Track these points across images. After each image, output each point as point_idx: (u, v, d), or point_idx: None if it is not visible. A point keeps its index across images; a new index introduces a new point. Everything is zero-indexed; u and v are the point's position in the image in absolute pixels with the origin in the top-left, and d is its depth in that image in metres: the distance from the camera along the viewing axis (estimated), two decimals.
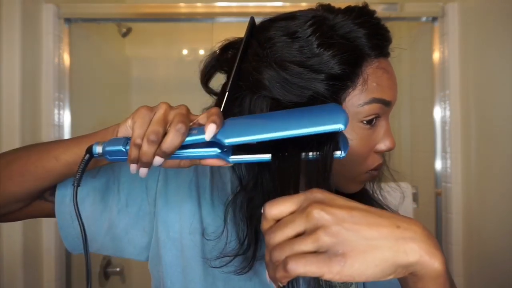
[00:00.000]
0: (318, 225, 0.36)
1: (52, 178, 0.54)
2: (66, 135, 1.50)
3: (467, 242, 1.50)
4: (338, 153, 0.47)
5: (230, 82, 0.55)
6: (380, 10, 1.46)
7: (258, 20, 0.59)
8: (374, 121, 0.55)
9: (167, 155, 0.44)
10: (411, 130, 1.87)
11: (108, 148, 0.47)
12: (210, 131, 0.44)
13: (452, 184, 1.54)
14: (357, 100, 0.53)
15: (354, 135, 0.54)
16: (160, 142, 0.44)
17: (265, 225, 0.39)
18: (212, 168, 0.63)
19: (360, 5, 0.56)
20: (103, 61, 1.93)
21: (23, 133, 1.32)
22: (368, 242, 0.35)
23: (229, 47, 0.61)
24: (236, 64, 0.55)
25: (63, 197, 0.59)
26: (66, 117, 1.51)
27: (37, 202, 0.59)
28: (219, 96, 0.61)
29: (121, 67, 2.16)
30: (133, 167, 0.46)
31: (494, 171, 1.34)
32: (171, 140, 0.44)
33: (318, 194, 0.38)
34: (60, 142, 0.54)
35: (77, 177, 0.47)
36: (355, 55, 0.53)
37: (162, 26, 2.08)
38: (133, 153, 0.45)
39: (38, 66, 1.43)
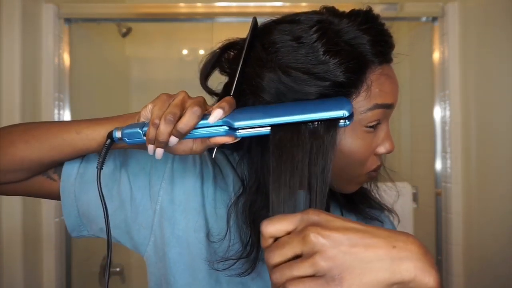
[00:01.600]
0: (314, 249, 0.37)
1: (68, 150, 0.56)
2: None
3: (467, 242, 1.50)
4: (342, 122, 0.49)
5: (234, 86, 0.54)
6: (380, 10, 1.46)
7: (260, 20, 0.59)
8: (376, 126, 0.56)
9: (182, 135, 0.48)
10: (411, 130, 1.87)
11: (126, 131, 0.51)
12: (215, 115, 0.48)
13: (452, 184, 1.54)
14: (360, 106, 0.53)
15: (357, 140, 0.54)
16: (176, 123, 0.47)
17: (263, 242, 0.40)
18: (215, 169, 0.63)
19: (365, 9, 0.56)
20: (103, 61, 1.93)
21: None
22: (365, 264, 0.37)
23: (230, 47, 0.60)
24: (239, 67, 0.55)
25: (68, 175, 0.60)
26: (66, 117, 1.51)
27: (38, 178, 0.60)
28: (220, 95, 0.61)
29: (121, 67, 2.16)
30: (150, 147, 0.49)
31: (494, 171, 1.34)
32: (187, 121, 0.47)
33: (314, 216, 0.39)
34: (82, 120, 0.57)
35: (100, 160, 0.51)
36: (360, 63, 0.53)
37: (162, 26, 2.08)
38: (151, 132, 0.48)
39: (38, 66, 1.43)
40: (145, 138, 0.49)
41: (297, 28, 0.54)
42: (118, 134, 0.51)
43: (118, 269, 1.84)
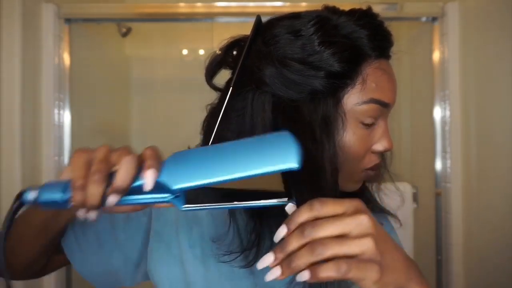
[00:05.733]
0: (366, 232, 0.39)
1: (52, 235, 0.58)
2: (66, 135, 1.50)
3: (467, 242, 1.50)
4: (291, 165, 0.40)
5: (234, 78, 0.56)
6: (380, 10, 1.46)
7: (264, 19, 0.60)
8: (371, 124, 0.56)
9: (121, 193, 0.39)
10: (411, 130, 1.87)
11: (44, 197, 0.41)
12: (149, 179, 0.39)
13: (452, 184, 1.54)
14: (355, 98, 0.54)
15: (351, 134, 0.55)
16: (106, 182, 0.39)
17: (301, 217, 0.40)
18: None
19: (364, 8, 0.57)
20: (103, 61, 1.93)
21: (23, 133, 1.32)
22: (394, 262, 0.41)
23: (235, 44, 0.61)
24: (240, 61, 0.56)
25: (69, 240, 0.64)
26: (66, 117, 1.51)
27: (56, 256, 0.64)
28: (222, 91, 0.62)
29: (121, 67, 2.16)
30: (80, 212, 0.41)
31: (494, 171, 1.34)
32: (122, 176, 0.39)
33: (361, 204, 0.41)
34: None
35: (4, 225, 0.41)
36: (355, 53, 0.53)
37: (162, 26, 2.08)
38: (78, 196, 0.39)
39: (38, 66, 1.43)
40: (69, 204, 0.40)
41: (296, 22, 0.55)
42: (31, 196, 0.41)
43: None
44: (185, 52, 2.24)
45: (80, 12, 1.54)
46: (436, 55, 1.58)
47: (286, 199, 0.45)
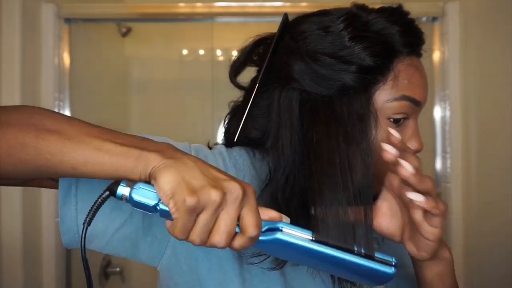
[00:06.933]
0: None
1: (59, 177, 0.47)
2: None
3: (467, 242, 1.50)
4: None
5: (261, 74, 0.55)
6: None
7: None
8: (401, 120, 0.54)
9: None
10: None
11: (137, 198, 0.39)
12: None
13: (452, 184, 1.54)
14: (386, 95, 0.53)
15: (383, 133, 0.53)
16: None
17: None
18: (236, 167, 0.58)
19: (395, 6, 0.56)
20: (103, 61, 1.93)
21: None
22: None
23: (261, 42, 0.61)
24: (268, 57, 0.55)
25: (68, 190, 0.50)
26: None
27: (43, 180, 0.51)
28: (248, 88, 0.60)
29: (121, 67, 2.16)
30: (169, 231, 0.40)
31: (494, 171, 1.34)
32: (239, 245, 0.40)
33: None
34: (81, 144, 0.40)
35: (89, 217, 0.40)
36: (387, 49, 0.53)
37: (161, 26, 2.08)
38: (180, 226, 0.38)
39: (38, 66, 1.43)
40: (158, 212, 0.40)
41: (325, 19, 0.54)
42: (124, 191, 0.40)
43: (118, 269, 1.85)
44: (185, 52, 2.24)
45: (80, 12, 1.54)
46: (436, 55, 1.58)
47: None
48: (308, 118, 0.53)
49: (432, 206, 0.45)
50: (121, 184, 0.40)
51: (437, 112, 1.58)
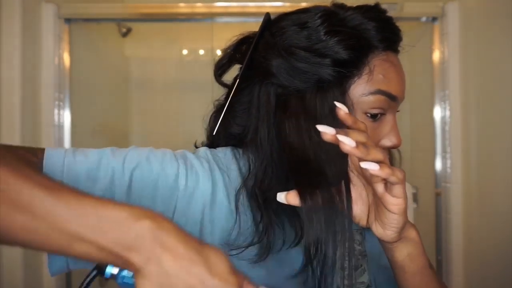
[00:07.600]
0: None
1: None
2: (66, 135, 1.50)
3: (467, 242, 1.50)
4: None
5: (241, 71, 0.56)
6: None
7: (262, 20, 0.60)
8: (378, 116, 0.55)
9: None
10: (411, 130, 1.87)
11: (125, 280, 0.39)
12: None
13: (452, 184, 1.54)
14: (362, 89, 0.53)
15: None
16: None
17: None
18: (223, 175, 0.57)
19: (372, 4, 0.57)
20: (103, 61, 1.93)
21: (23, 133, 1.32)
22: None
23: (244, 41, 0.61)
24: (248, 54, 0.56)
25: None
26: (66, 117, 1.51)
27: None
28: (229, 86, 0.61)
29: (121, 67, 2.16)
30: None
31: (494, 171, 1.34)
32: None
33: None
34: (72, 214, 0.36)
35: None
36: (361, 43, 0.53)
37: (161, 26, 2.08)
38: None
39: (38, 66, 1.43)
40: None
41: (303, 15, 0.55)
42: (113, 270, 0.39)
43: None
44: (185, 52, 2.24)
45: (80, 12, 1.54)
46: (436, 55, 1.58)
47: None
48: (280, 111, 0.54)
49: (387, 173, 0.43)
50: (108, 265, 0.40)
51: (437, 112, 1.58)
